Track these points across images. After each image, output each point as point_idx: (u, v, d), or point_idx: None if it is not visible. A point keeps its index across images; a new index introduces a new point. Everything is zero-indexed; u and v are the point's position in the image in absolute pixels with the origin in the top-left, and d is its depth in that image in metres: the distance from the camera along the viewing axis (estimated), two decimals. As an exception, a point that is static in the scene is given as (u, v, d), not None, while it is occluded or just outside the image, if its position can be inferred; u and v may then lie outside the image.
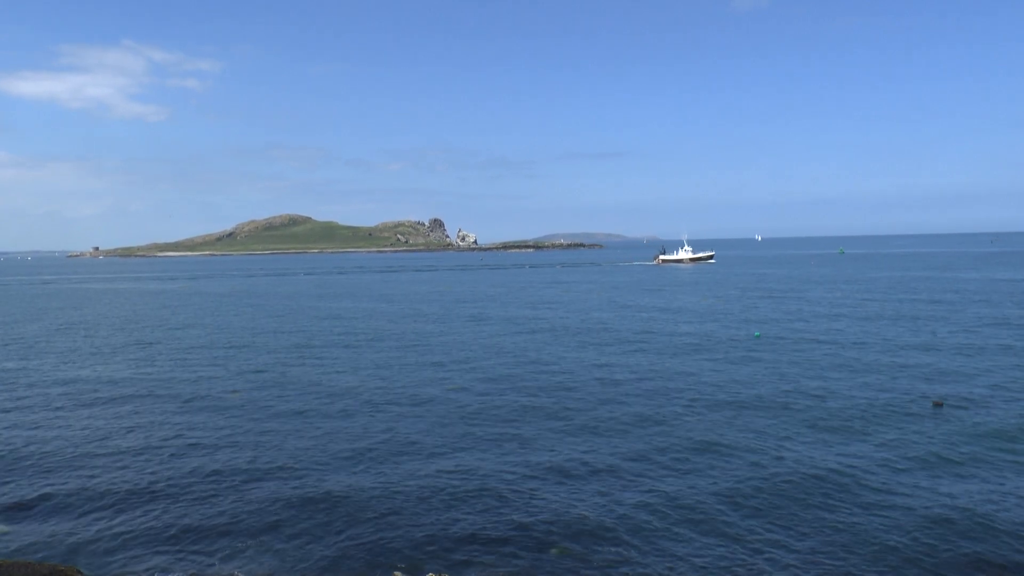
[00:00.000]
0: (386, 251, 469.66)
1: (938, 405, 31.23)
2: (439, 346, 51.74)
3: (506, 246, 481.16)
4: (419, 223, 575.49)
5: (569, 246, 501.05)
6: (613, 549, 18.64)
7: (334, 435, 28.91)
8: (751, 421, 29.67)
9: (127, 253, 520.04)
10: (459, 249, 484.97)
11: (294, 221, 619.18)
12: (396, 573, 17.71)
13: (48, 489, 23.42)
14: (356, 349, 51.16)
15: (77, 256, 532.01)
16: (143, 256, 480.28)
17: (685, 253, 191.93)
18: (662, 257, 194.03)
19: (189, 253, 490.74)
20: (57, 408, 34.53)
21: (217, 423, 31.10)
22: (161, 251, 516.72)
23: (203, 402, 35.16)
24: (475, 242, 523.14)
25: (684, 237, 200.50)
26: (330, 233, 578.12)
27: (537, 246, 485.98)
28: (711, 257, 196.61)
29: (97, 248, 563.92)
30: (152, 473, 24.80)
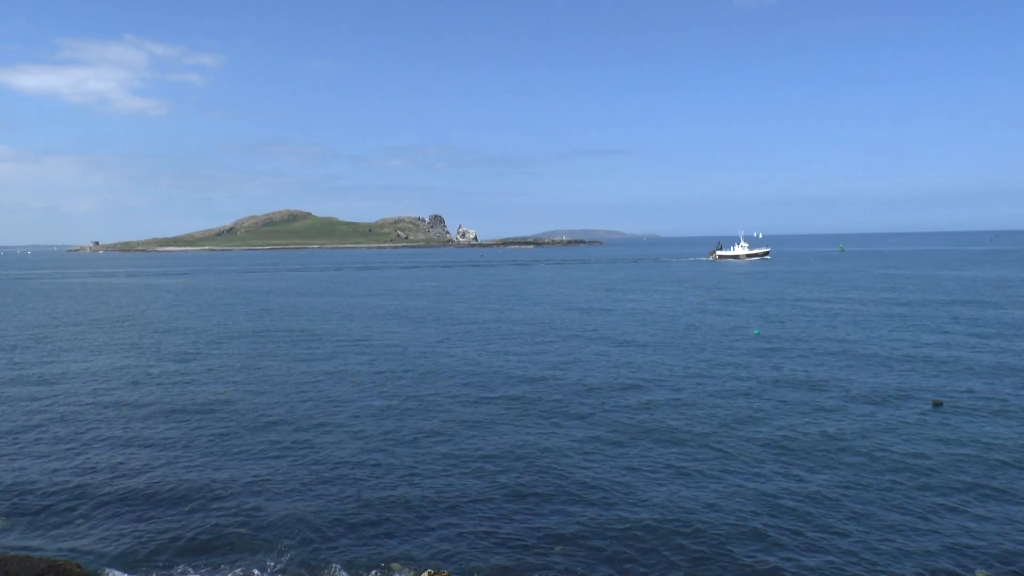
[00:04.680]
0: (386, 247, 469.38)
1: (937, 404, 31.24)
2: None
3: (506, 242, 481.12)
4: (419, 219, 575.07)
5: (570, 243, 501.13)
6: (613, 545, 18.66)
7: (330, 432, 28.93)
8: (754, 416, 29.72)
9: (127, 248, 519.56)
10: (459, 245, 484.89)
11: (294, 217, 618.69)
12: (394, 564, 17.73)
13: (45, 485, 23.45)
14: (351, 348, 51.17)
15: (77, 251, 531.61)
16: (143, 251, 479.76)
17: (741, 249, 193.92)
18: (719, 253, 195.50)
19: (189, 248, 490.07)
20: (56, 406, 34.55)
21: (209, 420, 31.09)
22: (161, 246, 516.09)
23: (197, 399, 35.17)
24: (475, 238, 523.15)
25: (740, 234, 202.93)
26: (330, 229, 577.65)
27: (537, 243, 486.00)
28: (767, 254, 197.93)
29: (97, 243, 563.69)
30: (148, 469, 24.80)
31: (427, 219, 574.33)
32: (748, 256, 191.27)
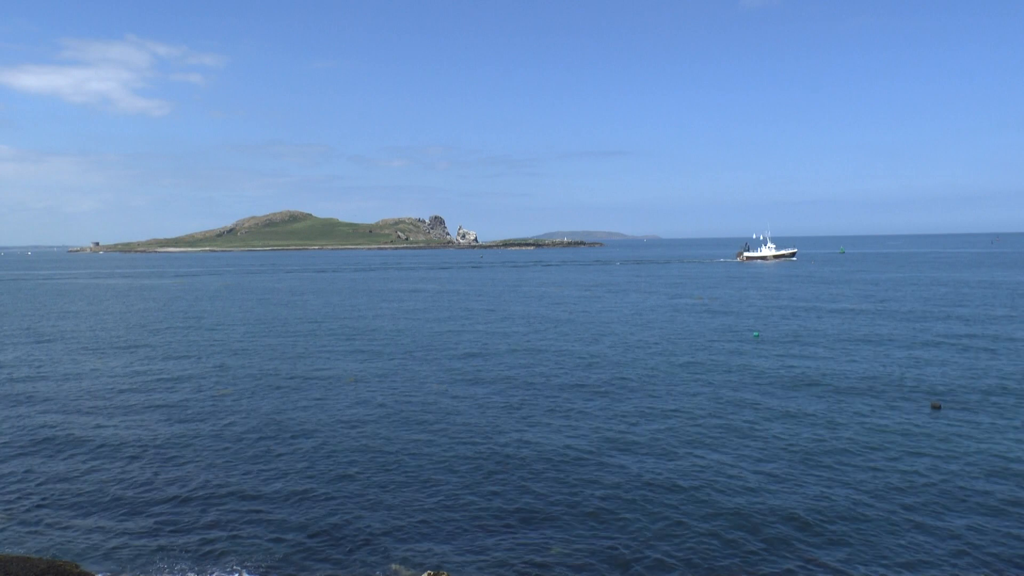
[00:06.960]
0: (386, 248, 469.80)
1: (936, 407, 31.29)
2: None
3: (507, 244, 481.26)
4: (420, 220, 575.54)
5: (571, 244, 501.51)
6: (609, 546, 18.75)
7: (328, 433, 29.01)
8: (752, 414, 29.80)
9: (127, 249, 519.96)
10: (459, 246, 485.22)
11: (294, 217, 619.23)
12: (394, 566, 17.81)
13: (45, 485, 23.54)
14: (349, 348, 51.24)
15: (78, 251, 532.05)
16: (143, 252, 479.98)
17: (768, 250, 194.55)
18: (746, 254, 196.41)
19: (189, 249, 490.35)
20: (55, 406, 34.64)
21: (210, 421, 31.18)
22: (161, 247, 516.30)
23: (197, 400, 35.26)
24: (475, 240, 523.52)
25: (768, 235, 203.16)
26: (330, 230, 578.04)
27: (538, 244, 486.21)
28: (793, 255, 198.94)
29: (97, 243, 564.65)
30: (149, 470, 24.88)
31: (427, 220, 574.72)
32: (775, 257, 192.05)
